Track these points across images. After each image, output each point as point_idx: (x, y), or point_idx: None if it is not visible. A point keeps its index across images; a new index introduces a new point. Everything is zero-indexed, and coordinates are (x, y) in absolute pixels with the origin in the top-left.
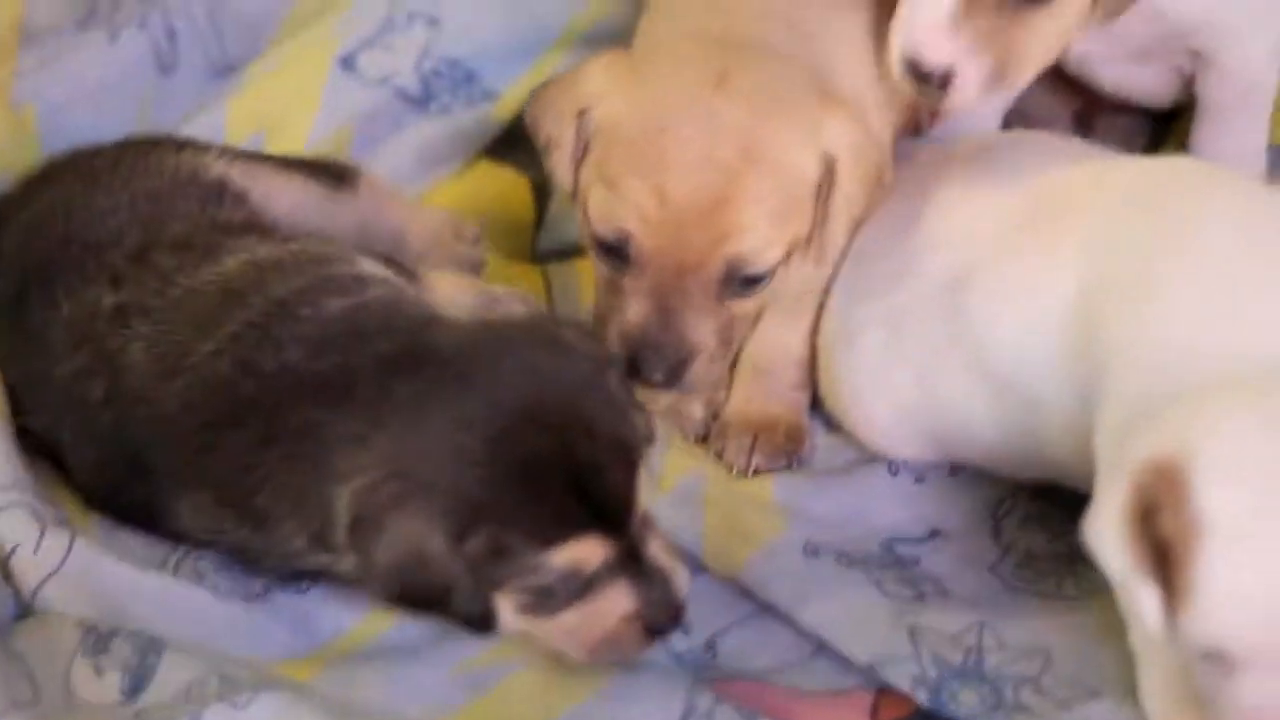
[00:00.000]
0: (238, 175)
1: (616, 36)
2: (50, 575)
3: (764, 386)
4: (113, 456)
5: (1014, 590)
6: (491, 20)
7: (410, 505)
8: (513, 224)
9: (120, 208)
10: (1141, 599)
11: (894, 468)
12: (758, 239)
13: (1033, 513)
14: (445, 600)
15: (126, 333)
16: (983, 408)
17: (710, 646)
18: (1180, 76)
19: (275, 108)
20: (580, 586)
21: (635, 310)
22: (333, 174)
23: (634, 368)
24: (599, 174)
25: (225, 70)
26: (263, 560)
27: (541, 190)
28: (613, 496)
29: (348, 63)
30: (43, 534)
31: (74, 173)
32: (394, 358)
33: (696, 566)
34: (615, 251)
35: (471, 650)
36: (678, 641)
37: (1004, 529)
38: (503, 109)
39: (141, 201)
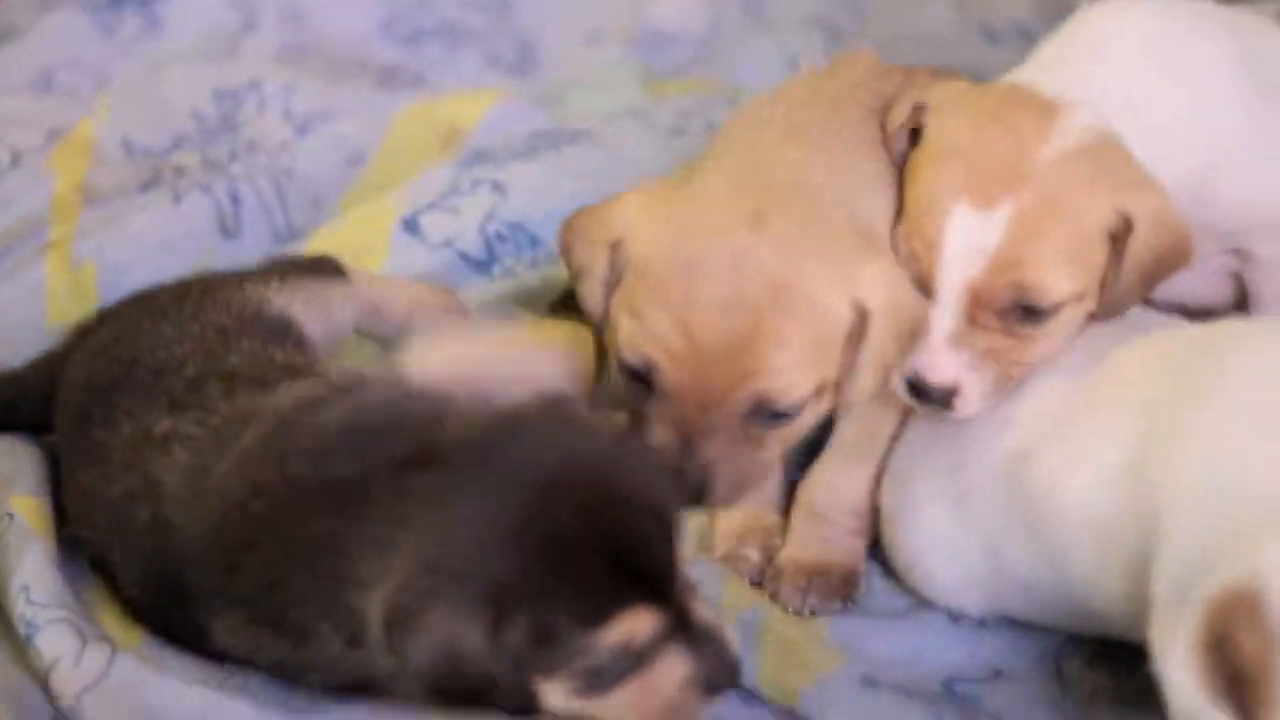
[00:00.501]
0: (293, 307)
1: None
2: (89, 688)
3: (820, 531)
4: (156, 579)
5: None
6: (559, 188)
7: (442, 601)
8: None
9: (186, 338)
10: None
11: (954, 614)
12: (784, 380)
13: (1098, 651)
14: (487, 694)
15: (167, 460)
16: (1045, 577)
17: None
18: (1232, 277)
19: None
20: (633, 661)
21: (658, 436)
22: (328, 268)
23: None
24: (628, 304)
25: (288, 238)
26: (305, 674)
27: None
28: (654, 564)
29: (410, 225)
30: (84, 648)
31: (143, 305)
32: (406, 457)
33: (752, 697)
34: (641, 380)
35: None
36: None
37: (1066, 669)
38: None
39: (210, 334)
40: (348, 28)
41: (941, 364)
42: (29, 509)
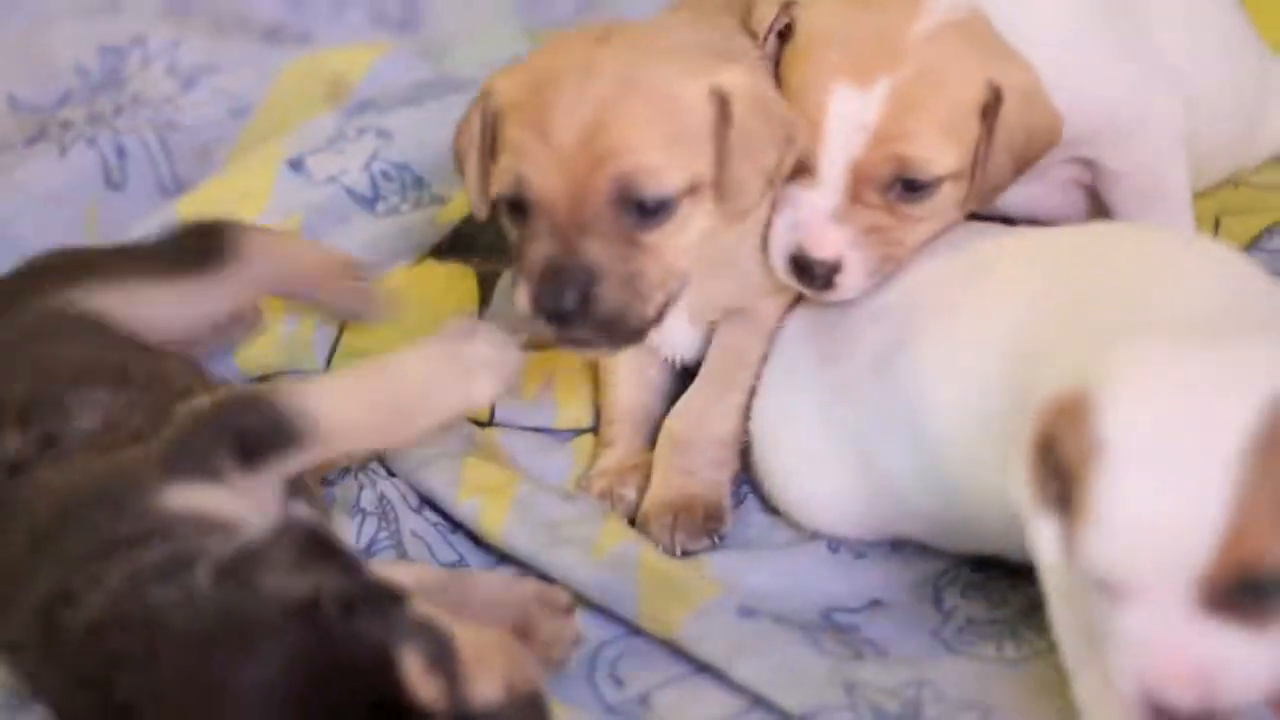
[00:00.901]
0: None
1: None
2: None
3: (682, 464)
4: None
5: (955, 653)
6: (443, 133)
7: None
8: (456, 312)
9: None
10: (1041, 532)
11: (834, 545)
12: (643, 160)
13: (974, 582)
14: None
15: None
16: (919, 480)
17: (644, 700)
18: (1085, 188)
19: (222, 207)
20: None
21: (539, 249)
22: (202, 252)
23: (545, 309)
24: (498, 149)
25: (174, 190)
26: None
27: (486, 282)
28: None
29: (296, 165)
30: None
31: None
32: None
33: (631, 628)
34: (517, 207)
35: None
36: (610, 693)
37: (945, 597)
38: (450, 212)
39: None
40: None
41: (825, 239)
42: None
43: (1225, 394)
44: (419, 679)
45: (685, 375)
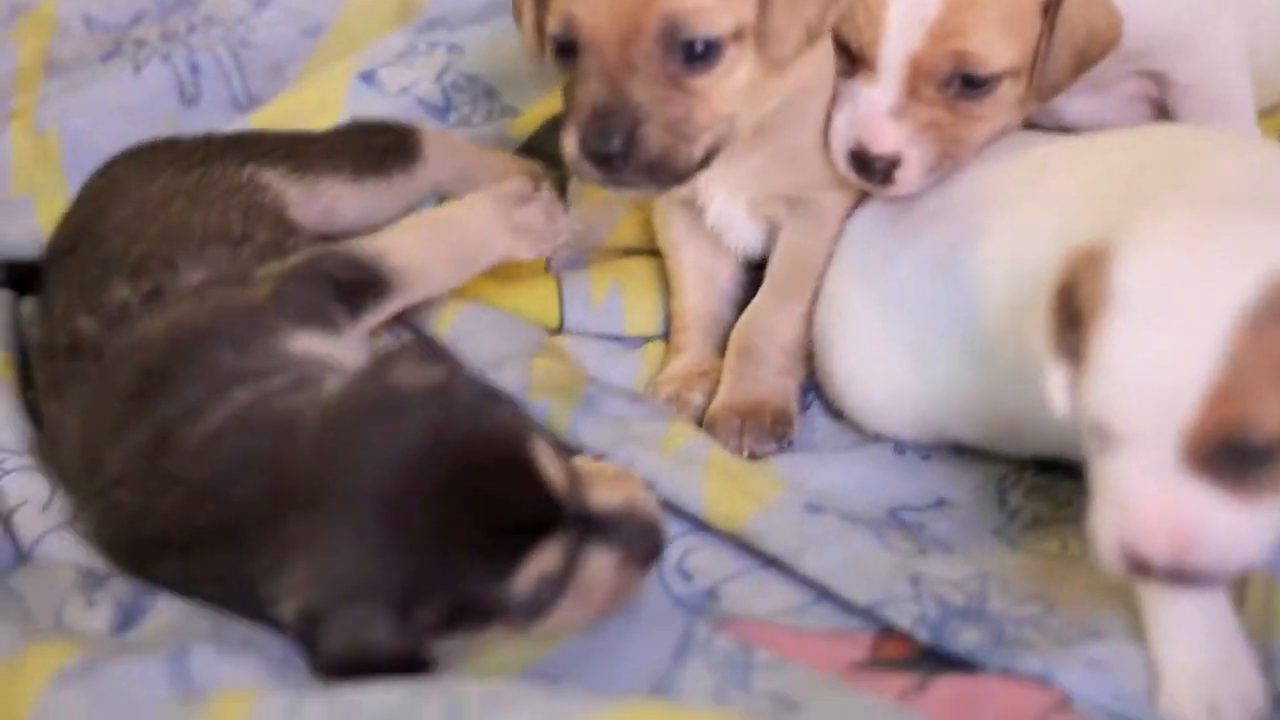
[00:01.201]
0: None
1: None
2: (53, 529)
3: (750, 371)
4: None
5: (1018, 549)
6: (513, 47)
7: (349, 607)
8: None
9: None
10: (1052, 380)
11: (899, 447)
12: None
13: (1038, 484)
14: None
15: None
16: (973, 381)
17: (712, 593)
18: (1151, 102)
19: (296, 119)
20: (557, 584)
21: (587, 91)
22: (388, 153)
23: (591, 150)
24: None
25: (247, 105)
26: None
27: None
28: (531, 499)
29: (368, 77)
30: (52, 496)
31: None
32: (270, 498)
33: (698, 523)
34: (567, 49)
35: None
36: (678, 585)
37: (1009, 498)
38: (522, 125)
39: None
40: None
41: (885, 134)
42: None
43: (1232, 261)
44: (548, 461)
45: (754, 282)
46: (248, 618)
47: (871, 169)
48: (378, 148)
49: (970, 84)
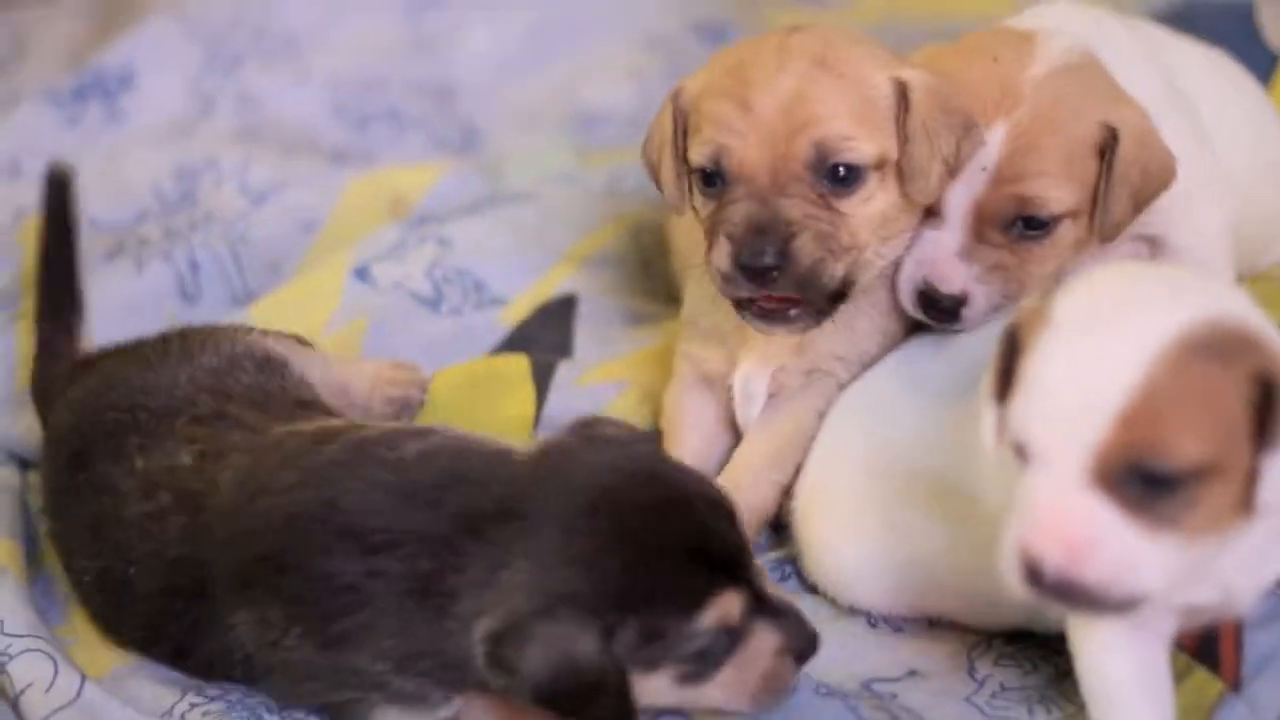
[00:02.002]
0: (279, 348)
1: (617, 261)
2: (59, 710)
3: None
4: (178, 580)
5: (987, 717)
6: (501, 239)
7: (556, 615)
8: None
9: (180, 383)
10: (985, 417)
11: (873, 620)
12: (839, 126)
13: (1006, 652)
14: (593, 698)
15: (213, 471)
16: (947, 546)
17: None
18: None
19: (293, 313)
20: (730, 641)
21: (739, 210)
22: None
23: (746, 263)
24: (694, 130)
25: (246, 300)
26: (307, 681)
27: (541, 374)
28: (728, 550)
29: (362, 273)
30: (55, 675)
31: (123, 357)
32: (484, 507)
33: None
34: (713, 177)
35: None
36: None
37: (978, 667)
38: (510, 314)
39: (202, 375)
40: (300, 113)
41: (952, 275)
42: (2, 551)
43: (1166, 299)
44: (734, 530)
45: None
46: (416, 647)
47: (939, 308)
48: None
49: (1031, 226)
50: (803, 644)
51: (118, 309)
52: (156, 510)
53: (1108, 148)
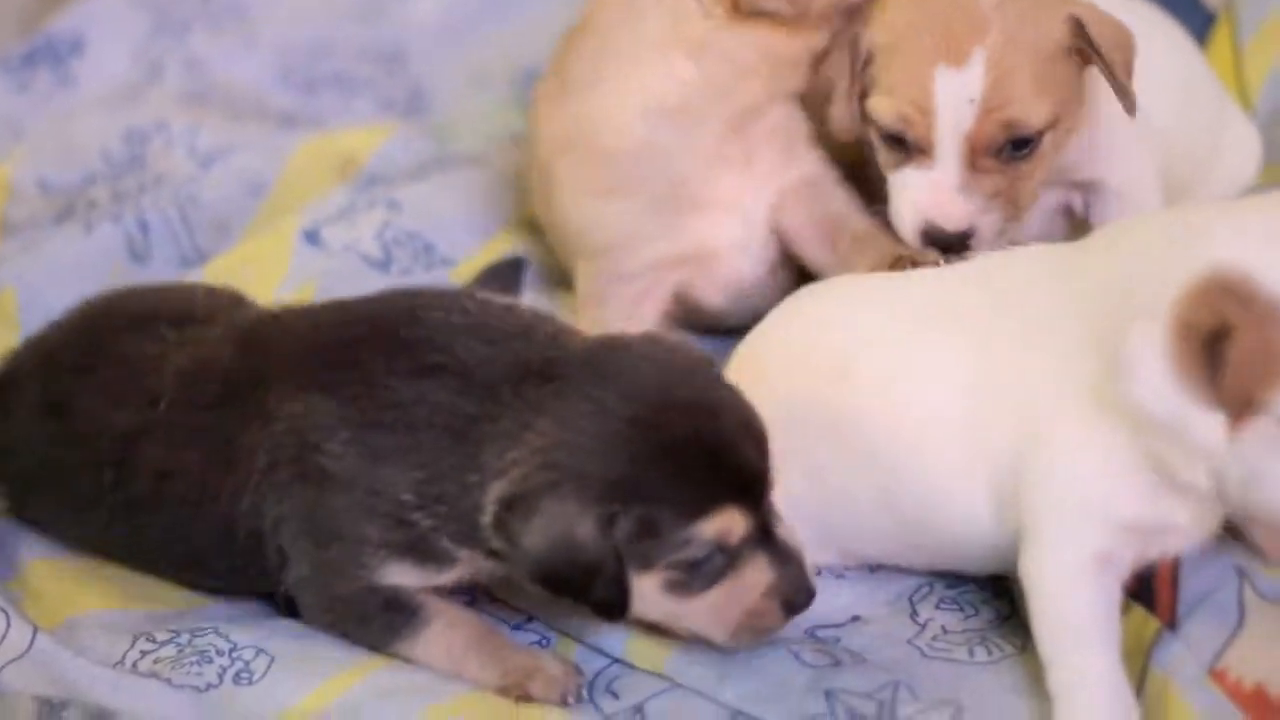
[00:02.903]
0: None
1: None
2: (12, 661)
3: None
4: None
5: (928, 658)
6: (450, 203)
7: (561, 492)
8: None
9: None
10: (1204, 425)
11: (815, 569)
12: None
13: (948, 596)
14: (589, 584)
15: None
16: (874, 503)
17: (638, 710)
18: (1069, 218)
19: (243, 275)
20: (724, 563)
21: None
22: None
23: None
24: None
25: (196, 260)
26: (340, 494)
27: None
28: (748, 473)
29: (311, 236)
30: (9, 627)
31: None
32: (530, 367)
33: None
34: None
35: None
36: (607, 704)
37: (920, 610)
38: (460, 275)
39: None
40: (247, 78)
41: (956, 211)
42: None
43: None
44: (760, 458)
45: None
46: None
47: (948, 244)
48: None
49: (1019, 145)
50: (796, 593)
51: (67, 270)
52: (202, 346)
53: (1081, 40)
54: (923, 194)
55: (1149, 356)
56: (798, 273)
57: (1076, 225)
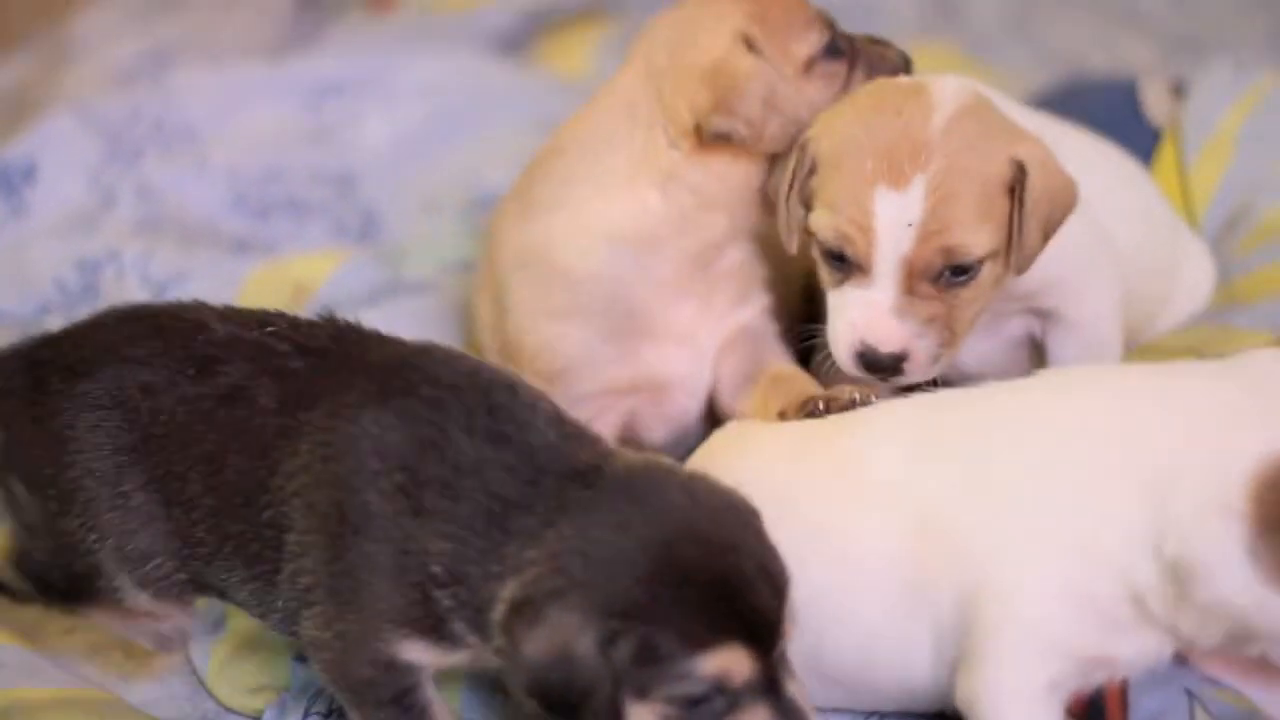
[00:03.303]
0: None
1: None
2: None
3: None
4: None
5: None
6: (402, 332)
7: (567, 600)
8: None
9: None
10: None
11: None
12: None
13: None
14: (582, 704)
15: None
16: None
17: None
18: (1030, 348)
19: None
20: (724, 707)
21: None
22: None
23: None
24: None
25: None
26: (379, 543)
27: None
28: (759, 612)
29: None
30: None
31: None
32: (572, 473)
33: None
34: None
35: None
36: None
37: None
38: None
39: None
40: (200, 203)
41: (891, 334)
42: None
43: None
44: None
45: None
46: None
47: (881, 366)
48: None
49: (958, 273)
50: None
51: None
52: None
53: (1017, 182)
54: (859, 313)
55: (1230, 555)
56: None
57: (1038, 355)
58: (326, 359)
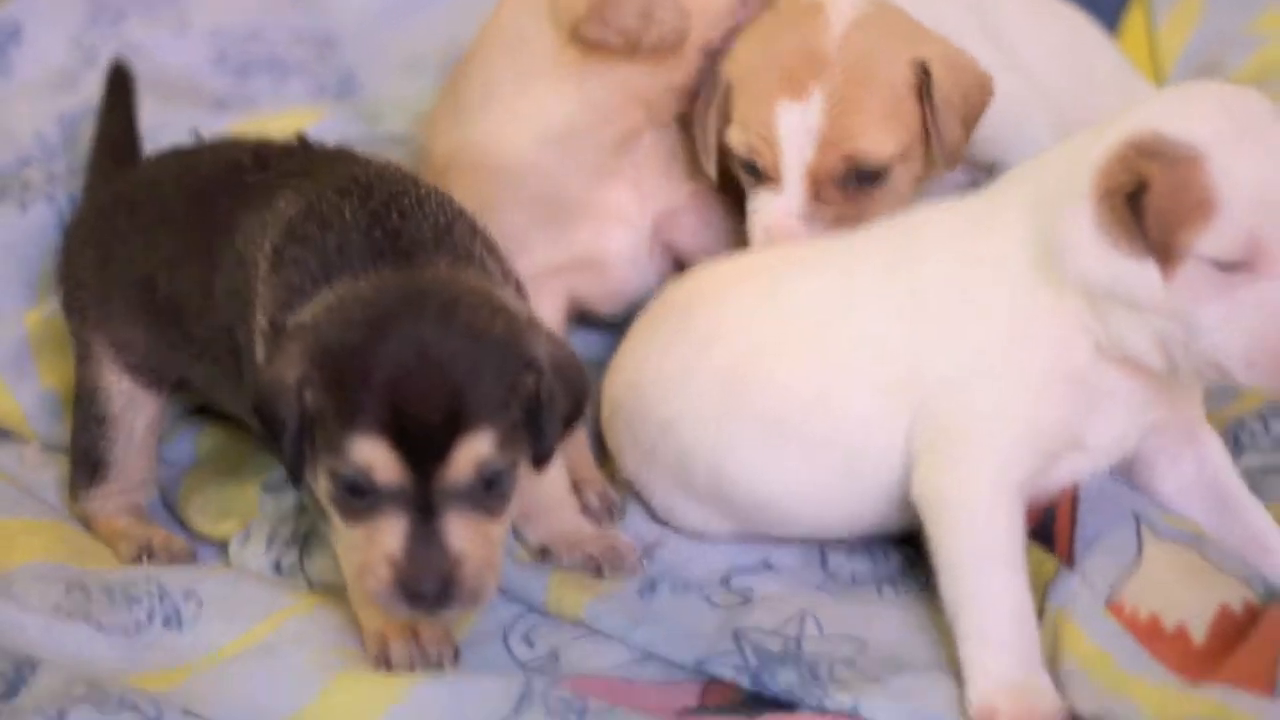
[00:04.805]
0: None
1: None
2: None
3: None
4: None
5: (836, 597)
6: None
7: (298, 339)
8: None
9: None
10: (1142, 279)
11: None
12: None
13: (857, 545)
14: (278, 436)
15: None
16: (784, 477)
17: (553, 655)
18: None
19: None
20: (367, 505)
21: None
22: None
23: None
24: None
25: None
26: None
27: None
28: (410, 418)
29: None
30: None
31: None
32: (409, 259)
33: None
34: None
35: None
36: (522, 651)
37: (830, 559)
38: None
39: None
40: (182, 62)
41: (794, 231)
42: None
43: None
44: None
45: None
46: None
47: None
48: None
49: (865, 178)
50: (417, 578)
51: (3, 248)
52: None
53: (923, 83)
54: (768, 217)
55: (1082, 229)
56: None
57: None
58: (280, 170)
